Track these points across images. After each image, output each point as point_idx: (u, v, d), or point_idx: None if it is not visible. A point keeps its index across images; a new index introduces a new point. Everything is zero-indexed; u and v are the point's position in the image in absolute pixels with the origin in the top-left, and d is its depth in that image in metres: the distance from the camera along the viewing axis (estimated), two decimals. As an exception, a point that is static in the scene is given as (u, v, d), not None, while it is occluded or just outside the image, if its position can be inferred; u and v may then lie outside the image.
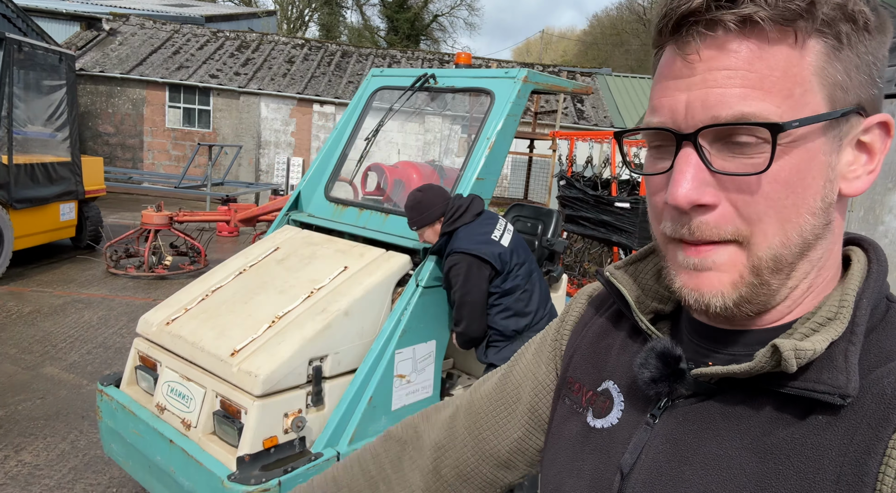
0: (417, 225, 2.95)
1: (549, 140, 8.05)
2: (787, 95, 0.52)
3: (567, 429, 0.76)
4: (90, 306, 6.32)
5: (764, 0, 0.51)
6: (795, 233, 0.55)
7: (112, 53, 17.01)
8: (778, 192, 0.54)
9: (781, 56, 0.52)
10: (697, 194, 0.54)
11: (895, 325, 0.58)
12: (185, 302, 3.05)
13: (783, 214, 0.54)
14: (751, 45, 0.52)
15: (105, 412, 3.03)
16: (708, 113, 0.53)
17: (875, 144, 0.57)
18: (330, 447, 2.67)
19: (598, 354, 0.77)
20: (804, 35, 0.52)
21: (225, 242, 10.30)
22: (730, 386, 0.60)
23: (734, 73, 0.53)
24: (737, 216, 0.55)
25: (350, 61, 18.65)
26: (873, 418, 0.51)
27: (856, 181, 0.57)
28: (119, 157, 16.55)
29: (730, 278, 0.57)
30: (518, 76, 3.24)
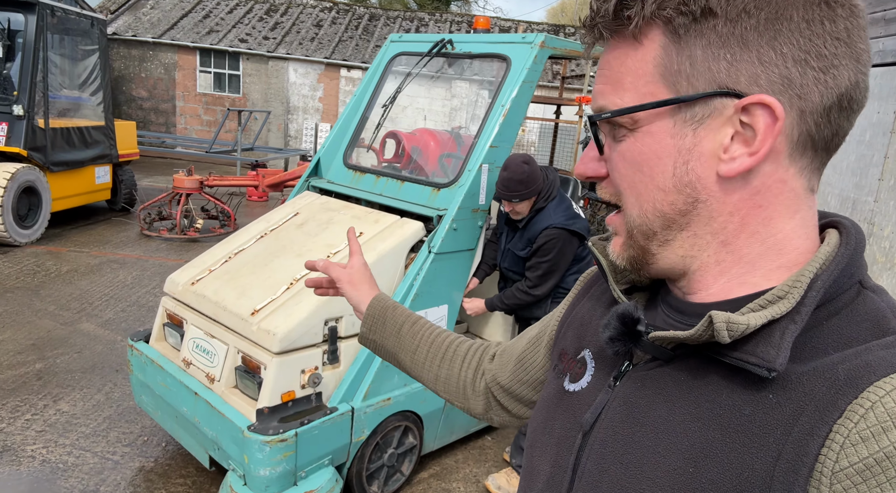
0: (521, 198, 2.98)
1: (577, 106, 7.92)
2: (630, 88, 0.61)
3: (547, 392, 0.82)
4: (125, 266, 6.58)
5: (606, 11, 0.60)
6: (649, 206, 0.62)
7: (144, 17, 17.15)
8: (627, 169, 0.63)
9: (626, 54, 0.61)
10: (584, 168, 0.68)
11: (860, 312, 0.58)
12: (209, 263, 3.18)
13: (635, 189, 0.63)
14: (607, 49, 0.63)
15: (135, 365, 3.22)
16: (592, 105, 0.66)
17: (757, 124, 0.56)
18: (345, 402, 2.80)
19: (584, 324, 0.82)
20: (637, 35, 0.60)
21: (255, 206, 10.51)
22: (685, 354, 0.63)
23: (600, 72, 0.64)
24: (613, 186, 0.66)
25: (378, 25, 18.46)
26: (822, 401, 0.52)
27: (730, 162, 0.58)
28: (153, 121, 16.84)
29: (620, 240, 0.68)
30: (535, 42, 3.22)
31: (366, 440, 2.89)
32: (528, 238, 3.08)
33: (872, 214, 5.00)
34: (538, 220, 3.04)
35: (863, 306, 0.58)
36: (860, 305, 0.58)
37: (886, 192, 4.84)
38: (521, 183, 2.93)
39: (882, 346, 0.54)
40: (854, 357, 0.53)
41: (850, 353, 0.54)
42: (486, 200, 3.18)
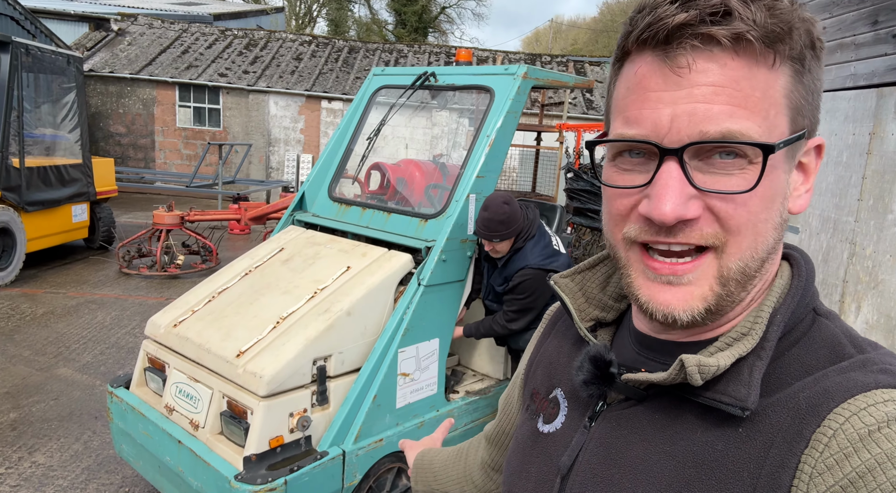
0: (501, 238, 2.97)
1: (557, 132, 8.00)
2: (765, 116, 0.54)
3: (521, 434, 0.80)
4: (103, 306, 6.41)
5: (753, 20, 0.52)
6: (762, 246, 0.57)
7: (121, 54, 17.13)
8: (758, 206, 0.56)
9: (762, 77, 0.54)
10: (683, 210, 0.55)
11: (817, 339, 0.59)
12: (192, 304, 3.09)
13: (758, 228, 0.57)
14: (739, 63, 0.53)
15: (115, 413, 3.09)
16: (695, 128, 0.54)
17: (811, 164, 0.60)
18: (335, 445, 2.70)
19: (553, 362, 0.81)
20: (781, 58, 0.54)
21: (237, 240, 10.38)
22: (658, 393, 0.63)
23: (721, 89, 0.53)
24: (718, 225, 0.56)
25: (357, 57, 18.64)
26: (788, 432, 0.53)
27: (798, 199, 0.60)
28: (131, 157, 16.70)
29: (700, 292, 0.58)
30: (517, 73, 3.23)
31: (358, 484, 2.78)
32: (506, 276, 3.11)
33: (854, 234, 5.05)
34: (516, 259, 3.06)
35: (819, 334, 0.59)
36: (816, 332, 0.60)
37: (866, 212, 4.91)
38: (501, 223, 2.93)
39: (838, 371, 0.55)
40: (813, 384, 0.54)
41: (810, 380, 0.55)
42: (474, 231, 3.14)
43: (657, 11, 0.55)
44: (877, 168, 4.78)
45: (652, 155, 0.57)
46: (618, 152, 0.61)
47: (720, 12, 0.52)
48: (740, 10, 0.52)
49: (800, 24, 0.54)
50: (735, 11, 0.52)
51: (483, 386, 3.64)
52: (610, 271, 0.78)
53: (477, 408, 3.45)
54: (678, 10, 0.53)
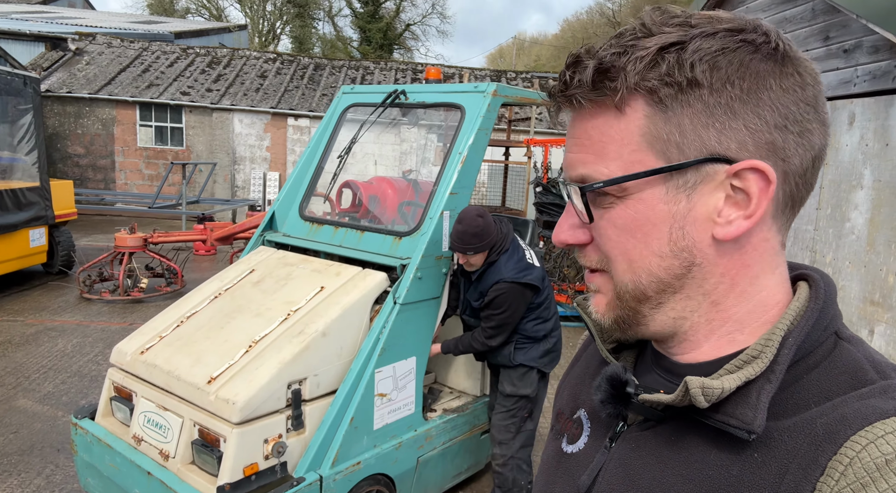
0: (475, 250, 2.98)
1: (524, 147, 8.09)
2: (616, 157, 0.60)
3: (547, 455, 0.82)
4: (64, 333, 6.18)
5: (584, 81, 0.60)
6: (644, 272, 0.62)
7: (79, 73, 16.75)
8: (618, 235, 0.62)
9: (609, 123, 0.61)
10: (566, 236, 0.67)
11: (838, 364, 0.59)
12: (159, 329, 3.00)
13: (627, 255, 0.62)
14: (588, 116, 0.62)
15: (80, 445, 2.96)
16: (568, 173, 0.65)
17: (750, 188, 0.58)
18: (312, 471, 2.63)
19: (578, 384, 0.83)
20: (621, 104, 0.59)
21: (202, 261, 10.16)
22: (675, 415, 0.63)
23: (577, 140, 0.64)
24: (599, 252, 0.65)
25: (323, 74, 18.60)
26: (804, 458, 0.53)
27: (727, 226, 0.59)
28: (90, 178, 16.27)
29: (605, 300, 0.66)
30: (487, 91, 3.25)
31: (337, 509, 2.72)
32: (481, 291, 3.11)
33: (813, 242, 5.21)
34: (490, 273, 3.06)
35: (840, 359, 0.59)
36: (837, 357, 0.59)
37: (825, 220, 5.07)
38: (475, 236, 2.94)
39: (858, 397, 0.54)
40: (831, 410, 0.54)
41: (828, 406, 0.55)
42: (449, 247, 3.14)
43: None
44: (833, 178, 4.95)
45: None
46: None
47: (562, 81, 0.62)
48: (577, 74, 0.60)
49: (638, 70, 0.57)
50: (574, 77, 0.61)
51: (461, 403, 3.61)
52: None
53: (455, 426, 3.42)
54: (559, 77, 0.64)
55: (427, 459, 3.23)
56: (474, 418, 3.56)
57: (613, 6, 39.54)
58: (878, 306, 4.44)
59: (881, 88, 4.17)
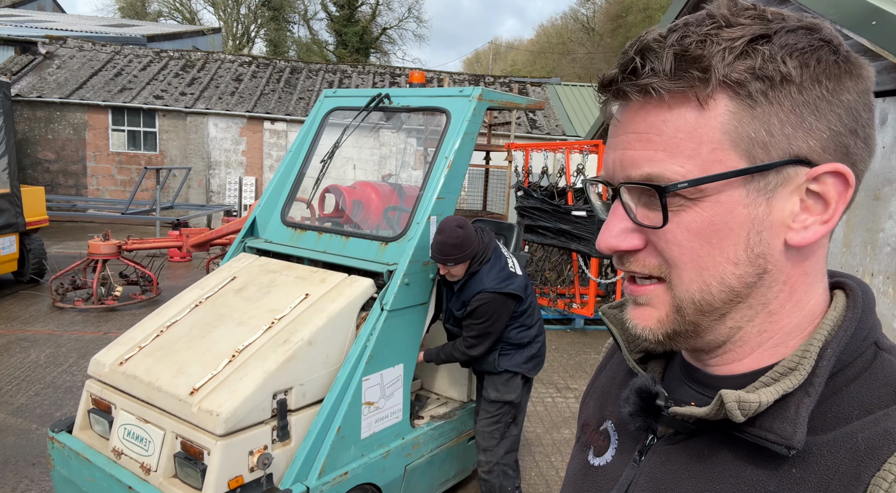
0: (455, 261, 2.92)
1: (505, 151, 8.11)
2: (692, 155, 0.55)
3: (572, 468, 0.79)
4: (36, 343, 6.01)
5: (661, 70, 0.54)
6: (715, 280, 0.57)
7: (50, 77, 16.38)
8: (691, 241, 0.57)
9: (687, 118, 0.55)
10: (617, 242, 0.60)
11: (879, 376, 0.57)
12: (138, 340, 2.92)
13: (699, 263, 0.57)
14: (655, 110, 0.57)
15: (57, 460, 2.87)
16: (624, 172, 0.59)
17: (828, 193, 0.56)
18: (299, 482, 2.58)
19: (604, 395, 0.81)
20: (705, 98, 0.54)
21: (177, 267, 9.99)
22: (707, 428, 0.61)
23: (642, 136, 0.57)
24: (657, 258, 0.60)
25: (300, 77, 18.45)
26: (845, 475, 0.51)
27: (803, 232, 0.56)
28: (61, 184, 15.89)
29: (657, 315, 0.61)
30: (473, 95, 3.24)
31: (325, 520, 2.67)
32: (463, 301, 3.08)
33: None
34: (472, 283, 3.02)
35: (881, 370, 0.57)
36: (878, 368, 0.57)
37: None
38: (455, 247, 2.89)
39: None
40: (873, 424, 0.52)
41: (870, 420, 0.53)
42: (435, 253, 3.11)
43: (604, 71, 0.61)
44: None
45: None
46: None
47: (629, 68, 0.56)
48: (651, 61, 0.55)
49: (729, 61, 0.53)
50: (647, 64, 0.55)
51: (447, 410, 3.59)
52: None
53: (442, 433, 3.39)
54: (613, 67, 0.59)
55: (415, 467, 3.20)
56: (461, 424, 3.53)
57: (588, 12, 40.00)
58: (855, 306, 4.52)
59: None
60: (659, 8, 30.46)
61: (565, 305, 7.59)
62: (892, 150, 3.71)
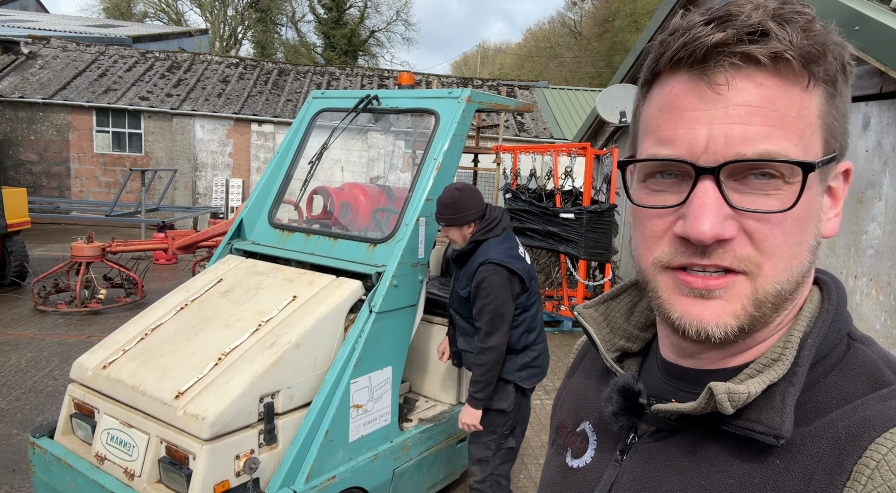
0: (447, 223, 2.89)
1: (493, 154, 8.12)
2: (801, 136, 0.54)
3: (549, 471, 0.78)
4: (17, 347, 5.91)
5: (790, 41, 0.52)
6: (797, 270, 0.56)
7: (32, 78, 16.17)
8: (793, 228, 0.55)
9: (797, 97, 0.54)
10: (722, 229, 0.54)
11: (854, 365, 0.58)
12: (122, 343, 2.87)
13: (793, 250, 0.55)
14: (776, 82, 0.53)
15: (38, 466, 2.81)
16: (732, 149, 0.53)
17: (839, 189, 0.59)
18: (286, 486, 2.55)
19: (580, 395, 0.80)
20: (815, 80, 0.54)
21: (163, 270, 9.89)
22: (690, 424, 0.61)
23: (758, 109, 0.53)
24: (752, 248, 0.55)
25: (288, 79, 18.38)
26: (828, 463, 0.52)
27: (828, 223, 0.59)
28: (44, 185, 15.69)
29: (732, 309, 0.56)
30: (462, 97, 3.24)
31: (312, 525, 2.64)
32: (467, 275, 2.94)
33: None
34: (477, 255, 2.90)
35: (856, 360, 0.58)
36: (853, 358, 0.58)
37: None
38: (447, 207, 2.85)
39: (878, 399, 0.54)
40: (852, 413, 0.53)
41: (849, 409, 0.54)
42: (425, 254, 3.10)
43: (692, 32, 0.54)
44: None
45: (685, 175, 0.56)
46: (649, 173, 0.59)
47: (758, 32, 0.52)
48: (777, 31, 0.52)
49: (833, 47, 0.54)
50: (772, 32, 0.52)
51: (436, 412, 3.57)
52: (634, 300, 0.76)
53: (431, 436, 3.37)
54: (714, 30, 0.53)
55: (403, 470, 3.18)
56: (450, 427, 3.52)
57: (575, 17, 40.25)
58: (839, 307, 4.58)
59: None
60: (645, 13, 30.72)
61: (553, 307, 7.60)
62: (874, 153, 3.76)
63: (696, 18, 0.55)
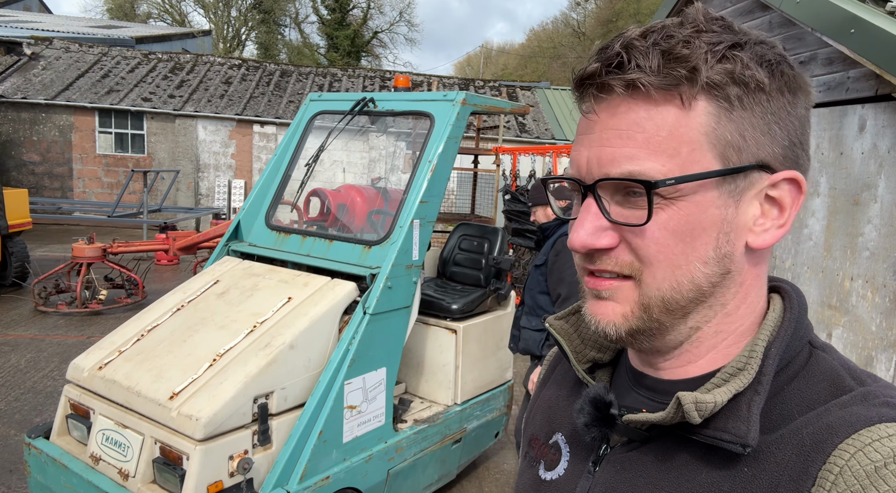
0: (533, 202, 3.32)
1: (493, 155, 8.14)
2: (673, 154, 0.56)
3: (522, 484, 0.78)
4: (17, 348, 5.94)
5: (648, 66, 0.55)
6: (686, 279, 0.58)
7: (35, 79, 16.24)
8: (667, 239, 0.57)
9: (668, 117, 0.56)
10: (592, 240, 0.59)
11: (816, 373, 0.59)
12: (118, 344, 2.89)
13: (672, 260, 0.58)
14: (638, 107, 0.57)
15: (34, 466, 2.83)
16: (602, 170, 0.58)
17: (784, 198, 0.59)
18: (279, 487, 2.57)
19: (552, 407, 0.80)
20: (689, 98, 0.55)
21: (164, 271, 9.92)
22: (660, 434, 0.62)
23: (623, 133, 0.57)
24: (632, 255, 0.59)
25: (290, 81, 18.42)
26: (794, 470, 0.53)
27: (763, 234, 0.59)
28: (46, 186, 15.75)
29: (622, 310, 0.60)
30: (456, 99, 3.25)
31: (306, 525, 2.65)
32: (548, 246, 3.20)
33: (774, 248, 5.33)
34: (561, 228, 3.18)
35: (817, 367, 0.59)
36: (814, 365, 0.60)
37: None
38: (535, 188, 3.26)
39: (840, 406, 0.55)
40: (816, 420, 0.54)
41: (812, 416, 0.55)
42: (419, 256, 3.11)
43: (581, 65, 0.60)
44: (792, 185, 5.07)
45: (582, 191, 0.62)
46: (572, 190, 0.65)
47: (614, 63, 0.56)
48: (636, 58, 0.55)
49: (712, 64, 0.55)
50: (625, 62, 0.56)
51: (431, 413, 3.58)
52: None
53: (426, 437, 3.38)
54: (591, 60, 0.59)
55: (398, 471, 3.19)
56: (445, 428, 3.53)
57: (578, 17, 40.24)
58: (836, 310, 4.57)
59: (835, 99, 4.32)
60: (649, 13, 30.71)
61: (552, 308, 7.60)
62: (870, 156, 3.76)
63: (595, 48, 0.60)
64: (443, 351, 3.68)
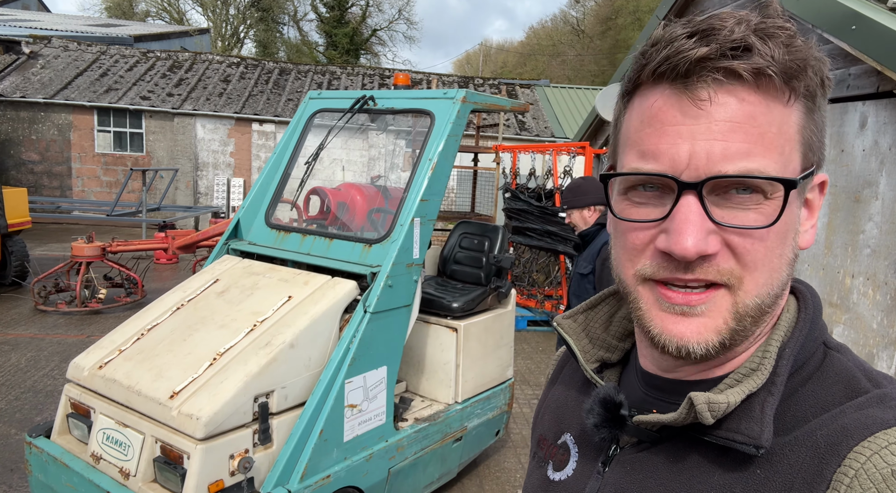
0: (568, 205, 3.25)
1: (493, 153, 8.13)
2: (780, 152, 0.54)
3: (531, 484, 0.78)
4: (17, 347, 5.93)
5: (771, 56, 0.52)
6: (777, 282, 0.56)
7: (34, 77, 16.21)
8: (775, 242, 0.55)
9: (778, 113, 0.54)
10: (705, 245, 0.54)
11: (831, 374, 0.58)
12: (118, 343, 2.89)
13: (773, 264, 0.56)
14: (758, 98, 0.53)
15: (35, 465, 2.83)
16: (714, 166, 0.53)
17: (815, 201, 0.60)
18: (280, 486, 2.56)
19: (561, 407, 0.79)
20: (796, 95, 0.54)
21: (163, 270, 9.92)
22: (671, 435, 0.61)
23: (738, 126, 0.53)
24: (734, 262, 0.55)
25: (289, 79, 18.39)
26: (808, 472, 0.52)
27: (805, 235, 0.59)
28: (45, 185, 15.73)
29: (714, 324, 0.56)
30: (456, 97, 3.24)
31: (307, 524, 2.65)
32: (590, 254, 3.16)
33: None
34: (600, 236, 3.14)
35: (832, 368, 0.58)
36: (829, 367, 0.59)
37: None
38: (569, 191, 3.18)
39: (855, 407, 0.54)
40: (831, 422, 0.53)
41: (827, 418, 0.54)
42: (420, 254, 3.10)
43: (675, 45, 0.54)
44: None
45: (668, 189, 0.56)
46: (631, 186, 0.59)
47: (740, 47, 0.52)
48: (759, 46, 0.52)
49: (814, 62, 0.54)
50: (754, 47, 0.52)
51: (432, 412, 3.57)
52: (612, 310, 0.76)
53: (427, 435, 3.38)
54: (697, 44, 0.53)
55: (398, 470, 3.18)
56: (446, 426, 3.53)
57: (578, 14, 40.18)
58: (837, 307, 4.57)
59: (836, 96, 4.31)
60: (648, 11, 30.66)
61: (552, 306, 7.60)
62: (871, 153, 3.75)
63: (678, 31, 0.54)
64: (443, 350, 3.68)
